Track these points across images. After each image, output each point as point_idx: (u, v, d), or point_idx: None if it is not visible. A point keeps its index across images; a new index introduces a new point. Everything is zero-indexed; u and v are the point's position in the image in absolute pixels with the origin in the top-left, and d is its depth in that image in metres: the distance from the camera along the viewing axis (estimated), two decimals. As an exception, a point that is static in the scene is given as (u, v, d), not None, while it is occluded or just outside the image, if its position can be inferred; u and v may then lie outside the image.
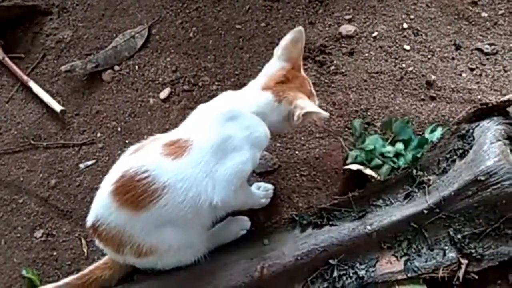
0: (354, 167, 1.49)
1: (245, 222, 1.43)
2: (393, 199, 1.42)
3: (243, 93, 1.34)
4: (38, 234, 1.57)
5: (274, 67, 1.36)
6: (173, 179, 1.18)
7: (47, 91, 1.86)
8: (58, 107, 1.80)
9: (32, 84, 1.88)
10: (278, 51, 1.36)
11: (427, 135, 1.52)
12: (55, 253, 1.53)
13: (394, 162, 1.48)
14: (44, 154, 1.75)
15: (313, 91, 1.38)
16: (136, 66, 1.88)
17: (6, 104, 1.89)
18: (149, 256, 1.23)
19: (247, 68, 1.80)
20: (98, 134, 1.76)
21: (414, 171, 1.42)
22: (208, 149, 1.21)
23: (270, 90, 1.31)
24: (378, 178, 1.42)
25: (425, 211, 1.34)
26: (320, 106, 1.66)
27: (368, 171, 1.44)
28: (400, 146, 1.50)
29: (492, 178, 1.29)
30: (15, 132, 1.82)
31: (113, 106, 1.81)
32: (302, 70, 1.38)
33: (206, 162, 1.20)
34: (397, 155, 1.49)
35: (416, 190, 1.40)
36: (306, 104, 1.26)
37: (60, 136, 1.78)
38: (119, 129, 1.75)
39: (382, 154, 1.48)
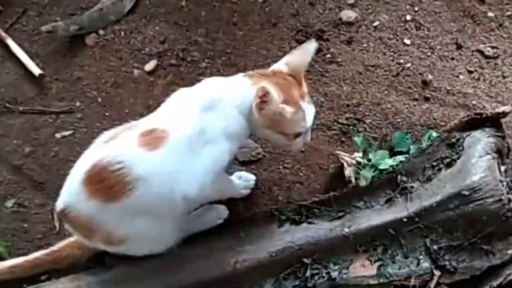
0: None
1: (223, 211, 1.40)
2: (374, 202, 1.40)
3: (227, 82, 1.27)
4: (9, 203, 1.52)
5: (276, 65, 1.30)
6: (148, 171, 1.14)
7: (26, 51, 1.75)
8: (37, 71, 1.70)
9: (10, 42, 1.76)
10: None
11: (424, 144, 1.48)
12: (26, 225, 1.48)
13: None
14: (19, 119, 1.66)
15: (303, 104, 1.23)
16: (122, 32, 1.77)
17: (-19, 60, 1.79)
18: (119, 245, 1.21)
19: (239, 47, 1.71)
20: (77, 103, 1.67)
21: (399, 176, 1.40)
22: (184, 141, 1.16)
23: (249, 76, 1.24)
24: (355, 183, 1.40)
25: (405, 219, 1.33)
26: (312, 97, 1.61)
27: (347, 171, 1.42)
28: (402, 159, 1.45)
29: (476, 194, 1.27)
30: (-10, 93, 1.73)
31: (94, 74, 1.72)
32: (303, 84, 1.26)
33: (182, 155, 1.16)
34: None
35: (398, 195, 1.38)
36: (271, 91, 1.15)
37: (37, 101, 1.69)
38: (99, 99, 1.67)
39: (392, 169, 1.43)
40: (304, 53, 1.29)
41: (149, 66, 1.69)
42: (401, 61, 1.69)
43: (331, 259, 1.34)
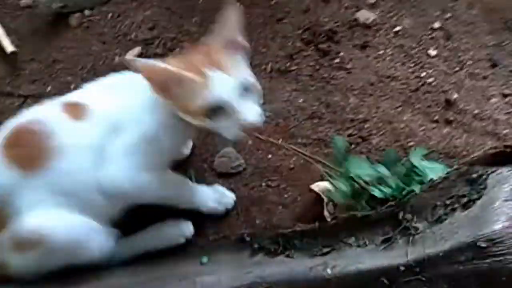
0: (318, 188, 1.22)
1: (186, 228, 1.18)
2: (368, 241, 1.15)
3: None
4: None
5: None
6: (71, 141, 1.04)
7: (4, 26, 1.61)
8: (9, 48, 1.54)
9: (-12, 15, 1.62)
10: None
11: (414, 160, 1.22)
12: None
13: (378, 190, 1.20)
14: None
15: (210, 72, 1.00)
16: (110, 14, 1.60)
17: (-44, 33, 1.64)
18: (35, 248, 1.01)
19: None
20: (49, 88, 1.50)
21: (401, 212, 1.14)
22: (106, 120, 1.07)
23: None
24: (331, 216, 1.16)
25: (402, 267, 1.07)
26: (311, 106, 1.39)
27: (329, 207, 1.18)
28: (382, 169, 1.21)
29: (496, 247, 1.01)
30: (-40, 70, 1.58)
31: (73, 58, 1.54)
32: (218, 56, 1.03)
33: (104, 132, 1.06)
34: (380, 181, 1.21)
35: (398, 236, 1.13)
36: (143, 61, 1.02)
37: (7, 81, 1.54)
38: (72, 86, 1.48)
39: (365, 182, 1.20)
40: (226, 19, 1.07)
41: (132, 53, 1.51)
42: (423, 74, 1.44)
43: (307, 305, 1.10)
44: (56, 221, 1.02)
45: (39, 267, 1.05)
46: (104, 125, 1.06)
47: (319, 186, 1.22)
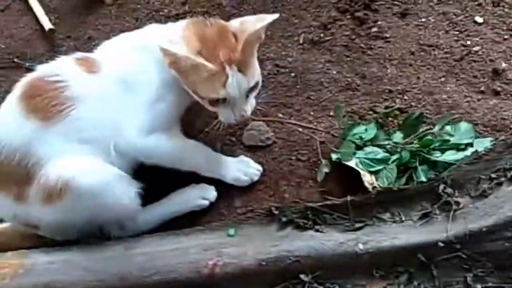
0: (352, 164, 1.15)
1: (208, 191, 1.17)
2: (405, 216, 1.08)
3: (167, 28, 1.17)
4: None
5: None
6: (87, 91, 1.07)
7: (45, 6, 1.65)
8: (47, 25, 1.57)
9: (29, -5, 1.66)
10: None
11: (436, 129, 1.15)
12: None
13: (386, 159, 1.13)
14: (24, 76, 1.54)
15: (228, 70, 1.03)
16: (143, -9, 1.59)
17: (1, 12, 1.69)
18: (62, 197, 1.00)
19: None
20: (84, 64, 1.52)
21: (442, 185, 1.06)
22: (117, 75, 1.09)
23: (187, 25, 1.11)
24: (377, 186, 1.09)
25: (441, 244, 1.00)
26: (345, 77, 1.32)
27: (367, 177, 1.11)
28: (397, 137, 1.15)
29: (548, 222, 0.92)
30: (3, 46, 1.62)
31: (107, 34, 1.54)
32: (240, 52, 1.04)
33: (115, 86, 1.09)
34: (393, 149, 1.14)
35: (438, 211, 1.05)
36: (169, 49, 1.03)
37: (45, 58, 1.56)
38: (106, 61, 1.50)
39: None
40: (259, 19, 1.08)
41: (164, 28, 1.49)
42: (468, 42, 1.33)
43: (337, 281, 1.04)
44: (80, 165, 1.02)
45: (69, 220, 1.05)
46: (115, 80, 1.09)
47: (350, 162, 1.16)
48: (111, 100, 1.08)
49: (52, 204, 1.02)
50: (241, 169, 1.18)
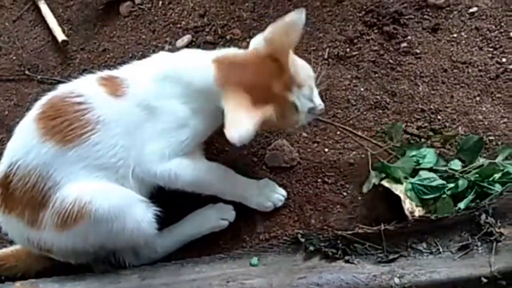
0: (390, 184, 1.08)
1: (227, 211, 1.11)
2: (443, 247, 1.00)
3: (197, 53, 1.13)
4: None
5: (253, 43, 1.06)
6: (109, 115, 1.01)
7: (58, 16, 1.60)
8: (60, 37, 1.52)
9: (42, 5, 1.61)
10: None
11: (499, 159, 1.07)
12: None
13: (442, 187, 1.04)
14: (36, 89, 1.49)
15: (291, 96, 1.00)
16: (160, 2, 1.53)
17: (13, 23, 1.65)
18: (77, 222, 0.95)
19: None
20: (98, 77, 1.46)
21: (483, 215, 0.99)
22: (143, 98, 1.04)
23: (217, 64, 1.03)
24: (420, 214, 1.01)
25: (485, 279, 0.92)
26: (374, 95, 1.25)
27: (407, 204, 1.03)
28: (456, 164, 1.06)
29: None
30: (14, 58, 1.58)
31: (122, 47, 1.49)
32: (288, 67, 1.00)
33: (139, 116, 1.03)
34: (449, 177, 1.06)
35: (479, 243, 0.97)
36: (232, 119, 0.93)
37: (58, 71, 1.52)
38: (121, 75, 1.44)
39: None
40: (288, 31, 1.01)
41: (182, 42, 1.43)
42: (503, 60, 1.26)
43: (370, 318, 0.97)
44: (97, 189, 0.98)
45: (84, 245, 1.00)
46: (140, 106, 1.03)
47: (390, 183, 1.08)
48: (133, 126, 1.03)
49: (67, 230, 0.97)
50: (265, 193, 1.11)
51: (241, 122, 0.92)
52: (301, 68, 1.04)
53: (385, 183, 1.09)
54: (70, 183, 0.97)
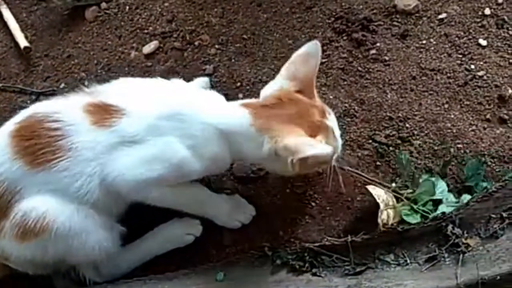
0: (375, 192, 1.07)
1: (194, 226, 1.08)
2: (410, 259, 0.99)
3: (214, 96, 1.05)
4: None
5: (271, 87, 1.02)
6: (83, 144, 0.97)
7: (21, 22, 1.55)
8: (23, 43, 1.47)
9: (4, 10, 1.55)
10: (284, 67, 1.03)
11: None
12: None
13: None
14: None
15: (329, 122, 1.00)
16: (127, 7, 1.49)
17: (-26, 29, 1.59)
18: (37, 236, 0.95)
19: (259, 33, 1.37)
20: (62, 85, 1.42)
21: (450, 226, 0.98)
22: (134, 134, 0.97)
23: (250, 109, 0.98)
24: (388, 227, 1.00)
25: (451, 292, 0.91)
26: (342, 103, 1.24)
27: (384, 214, 1.02)
28: (467, 198, 1.05)
29: None
30: (-26, 65, 1.52)
31: (88, 53, 1.45)
32: (315, 96, 1.03)
33: (119, 148, 0.97)
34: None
35: (446, 254, 0.97)
36: (300, 145, 0.91)
37: (20, 78, 1.46)
38: (86, 83, 1.39)
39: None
40: (308, 59, 1.01)
41: (149, 48, 1.39)
42: (472, 67, 1.26)
43: (336, 332, 0.95)
44: (60, 209, 0.96)
45: (41, 258, 0.99)
46: (126, 140, 0.97)
47: (375, 189, 1.07)
48: (108, 155, 0.97)
49: (26, 241, 0.97)
50: (234, 213, 1.08)
51: (313, 143, 0.92)
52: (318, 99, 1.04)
53: (370, 189, 1.08)
54: (35, 200, 0.96)
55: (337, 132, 1.02)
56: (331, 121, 1.02)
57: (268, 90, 1.01)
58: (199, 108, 0.99)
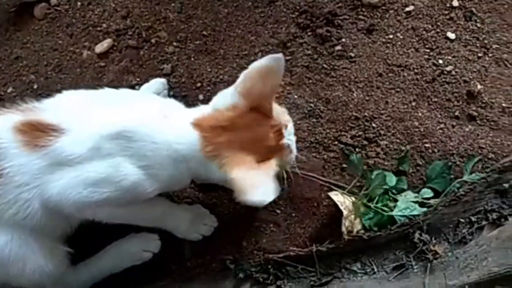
0: (337, 198, 1.02)
1: (151, 242, 1.02)
2: (377, 267, 0.95)
3: (170, 106, 0.96)
4: None
5: (226, 99, 0.91)
6: (15, 168, 0.88)
7: (-35, 20, 1.43)
8: (-35, 43, 1.36)
9: None
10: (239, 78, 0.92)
11: (466, 177, 1.03)
12: None
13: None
14: None
15: (285, 140, 0.93)
16: (79, 3, 1.39)
17: None
18: None
19: (220, 29, 1.29)
20: (9, 89, 1.32)
21: (417, 232, 0.94)
22: (71, 159, 0.88)
23: (200, 131, 0.89)
24: (353, 232, 0.97)
25: (419, 302, 0.88)
26: (308, 102, 1.18)
27: (348, 222, 0.97)
28: (427, 193, 1.02)
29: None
30: None
31: (37, 53, 1.35)
32: (273, 112, 0.93)
33: (55, 170, 0.88)
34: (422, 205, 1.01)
35: (413, 262, 0.93)
36: (244, 186, 0.82)
37: (-38, 84, 1.36)
38: (35, 86, 1.30)
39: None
40: (267, 75, 0.89)
41: (101, 46, 1.30)
42: (440, 61, 1.22)
43: None
44: None
45: None
46: (65, 162, 0.88)
47: (338, 196, 1.02)
48: (45, 178, 0.88)
49: None
50: (194, 225, 1.02)
51: (258, 184, 0.82)
52: (276, 106, 0.96)
53: (332, 196, 1.03)
54: None
55: (293, 146, 0.96)
56: (288, 135, 0.94)
57: (221, 101, 0.92)
58: (151, 125, 0.89)
